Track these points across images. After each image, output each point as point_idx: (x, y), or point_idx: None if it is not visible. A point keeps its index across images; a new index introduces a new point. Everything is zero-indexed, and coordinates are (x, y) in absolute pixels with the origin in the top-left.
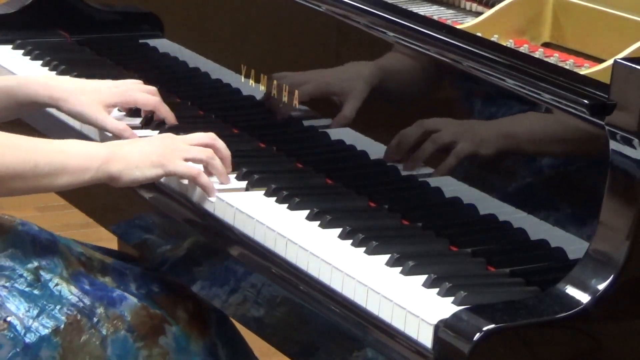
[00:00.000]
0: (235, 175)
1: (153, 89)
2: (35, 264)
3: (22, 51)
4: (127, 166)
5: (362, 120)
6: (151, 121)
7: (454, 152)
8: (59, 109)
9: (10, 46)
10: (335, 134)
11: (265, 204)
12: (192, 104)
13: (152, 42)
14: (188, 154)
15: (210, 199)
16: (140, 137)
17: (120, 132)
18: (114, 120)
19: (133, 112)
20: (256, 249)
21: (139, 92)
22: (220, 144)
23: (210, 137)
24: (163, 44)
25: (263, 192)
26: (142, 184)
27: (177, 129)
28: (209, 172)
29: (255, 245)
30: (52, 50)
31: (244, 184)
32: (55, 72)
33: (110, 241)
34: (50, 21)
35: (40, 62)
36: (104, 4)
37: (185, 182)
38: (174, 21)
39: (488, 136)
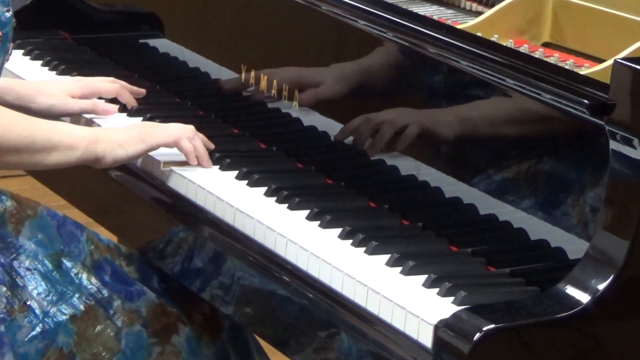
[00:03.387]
0: (235, 174)
1: (112, 78)
2: (59, 250)
3: (22, 51)
4: (110, 146)
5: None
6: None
7: (451, 148)
8: (28, 109)
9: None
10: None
11: (265, 204)
12: (192, 104)
13: (152, 42)
14: (168, 128)
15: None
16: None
17: (92, 107)
18: (82, 100)
19: (134, 112)
20: (256, 249)
21: (100, 82)
22: (199, 137)
23: (189, 128)
24: (163, 44)
25: (263, 192)
26: (125, 162)
27: None
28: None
29: (255, 245)
30: (52, 50)
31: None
32: (55, 72)
33: None
34: (50, 21)
35: (40, 62)
36: (104, 4)
37: (185, 182)
38: (174, 21)
39: (489, 135)
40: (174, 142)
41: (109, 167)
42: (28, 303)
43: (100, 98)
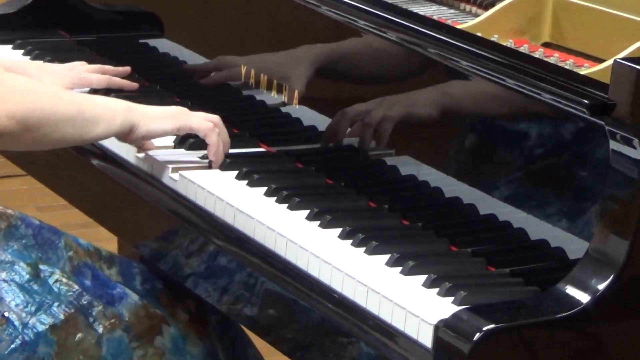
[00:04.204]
0: (235, 174)
1: (98, 66)
2: (36, 257)
3: (22, 51)
4: (145, 117)
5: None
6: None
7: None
8: None
9: (10, 46)
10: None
11: (265, 204)
12: (192, 104)
13: (152, 42)
14: (202, 115)
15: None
16: None
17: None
18: (76, 92)
19: None
20: (256, 249)
21: (90, 74)
22: (224, 131)
23: (215, 117)
24: (163, 44)
25: (263, 192)
26: (157, 136)
27: None
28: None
29: (255, 245)
30: (52, 50)
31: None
32: None
33: (110, 241)
34: (50, 21)
35: (40, 62)
36: (104, 4)
37: (185, 182)
38: (174, 21)
39: (490, 135)
40: (207, 129)
41: (141, 138)
42: (6, 315)
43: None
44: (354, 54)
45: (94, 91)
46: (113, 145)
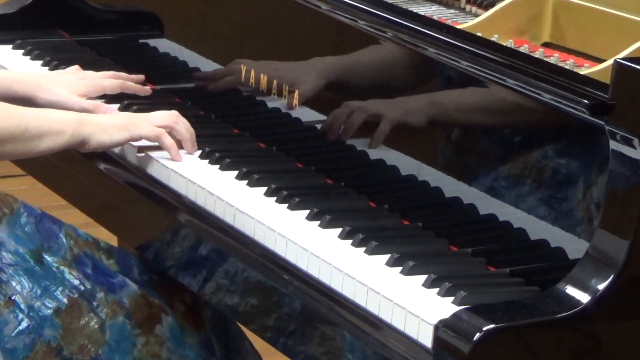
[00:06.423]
0: (235, 174)
1: (112, 72)
2: (38, 245)
3: (22, 51)
4: (96, 130)
5: (361, 120)
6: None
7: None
8: (34, 100)
9: (10, 46)
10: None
11: (265, 204)
12: (192, 104)
13: (152, 42)
14: (153, 119)
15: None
16: None
17: (94, 108)
18: (84, 100)
19: (134, 112)
20: (256, 249)
21: (103, 79)
22: (183, 122)
23: (172, 114)
24: (163, 44)
25: (263, 192)
26: (109, 148)
27: None
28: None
29: (255, 245)
30: (52, 50)
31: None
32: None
33: (110, 241)
34: (50, 21)
35: (41, 62)
36: (104, 4)
37: (185, 182)
38: (174, 21)
39: (490, 135)
40: (155, 137)
41: (92, 151)
42: (13, 298)
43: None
44: (363, 65)
45: (111, 97)
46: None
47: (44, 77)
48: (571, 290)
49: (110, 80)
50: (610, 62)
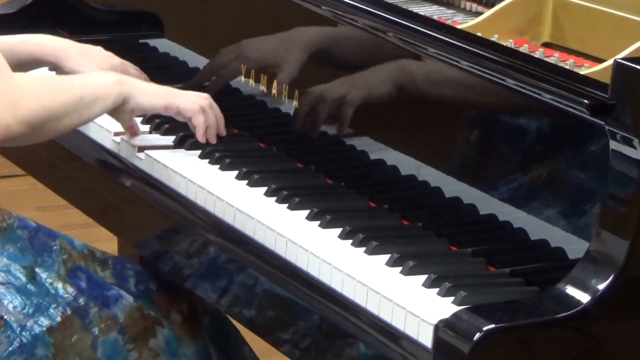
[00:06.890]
0: (235, 174)
1: (137, 68)
2: (32, 261)
3: None
4: (135, 91)
5: (361, 120)
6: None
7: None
8: (60, 67)
9: None
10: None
11: (265, 204)
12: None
13: (152, 42)
14: (189, 95)
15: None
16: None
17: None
18: None
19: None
20: (256, 249)
21: (130, 66)
22: (214, 107)
23: (205, 97)
24: (163, 44)
25: (263, 192)
26: (147, 113)
27: (178, 128)
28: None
29: (255, 245)
30: None
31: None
32: (55, 72)
33: (110, 241)
34: (50, 21)
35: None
36: (104, 4)
37: (185, 182)
38: (174, 21)
39: (490, 135)
40: (192, 111)
41: (130, 112)
42: (5, 317)
43: None
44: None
45: None
46: (113, 145)
47: (73, 47)
48: (571, 290)
49: (136, 68)
50: (610, 62)
